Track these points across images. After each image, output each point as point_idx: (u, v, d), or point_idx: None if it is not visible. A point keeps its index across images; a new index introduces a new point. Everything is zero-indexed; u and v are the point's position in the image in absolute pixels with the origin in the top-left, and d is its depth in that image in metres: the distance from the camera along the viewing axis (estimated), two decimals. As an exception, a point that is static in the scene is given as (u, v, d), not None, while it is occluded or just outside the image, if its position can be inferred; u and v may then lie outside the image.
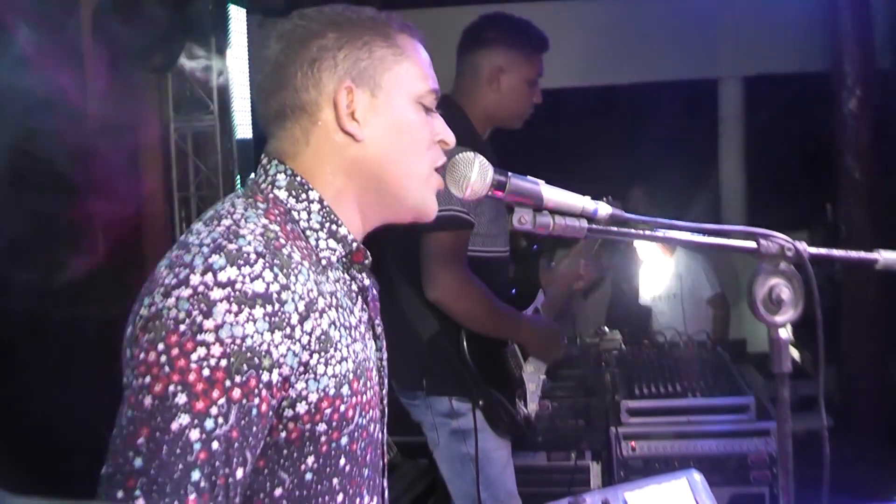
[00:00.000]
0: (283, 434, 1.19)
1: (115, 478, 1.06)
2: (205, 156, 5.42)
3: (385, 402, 1.45)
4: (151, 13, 4.11)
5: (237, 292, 1.11)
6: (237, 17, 5.20)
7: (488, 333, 2.73)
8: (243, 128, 5.32)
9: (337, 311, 1.26)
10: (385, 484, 1.46)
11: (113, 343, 1.28)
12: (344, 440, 1.25)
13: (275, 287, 1.14)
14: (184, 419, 1.07)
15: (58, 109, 3.61)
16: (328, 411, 1.21)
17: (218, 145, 5.33)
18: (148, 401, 1.08)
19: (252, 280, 1.13)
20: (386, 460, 1.46)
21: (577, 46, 6.58)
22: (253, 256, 1.15)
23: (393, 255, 2.81)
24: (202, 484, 1.07)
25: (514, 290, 2.98)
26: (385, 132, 1.33)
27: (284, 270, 1.17)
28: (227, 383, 1.09)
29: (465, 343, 2.67)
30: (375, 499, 1.38)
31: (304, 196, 1.30)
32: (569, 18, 6.63)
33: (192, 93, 5.30)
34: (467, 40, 2.90)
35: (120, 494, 1.05)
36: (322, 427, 1.21)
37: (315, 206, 1.30)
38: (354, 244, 1.34)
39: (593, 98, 6.97)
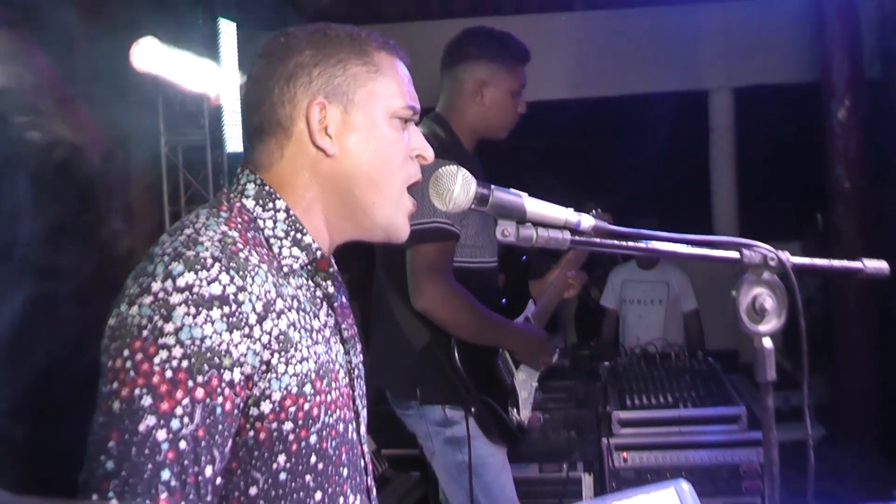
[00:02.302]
0: (252, 434, 1.22)
1: (89, 482, 1.09)
2: (195, 170, 5.42)
3: (359, 404, 1.46)
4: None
5: (195, 295, 1.14)
6: (227, 31, 5.21)
7: (476, 342, 2.74)
8: (234, 141, 5.30)
9: (298, 313, 1.28)
10: (370, 483, 1.47)
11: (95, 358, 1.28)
12: (313, 438, 1.27)
13: (231, 289, 1.17)
14: (150, 420, 1.10)
15: (49, 124, 3.61)
16: (292, 409, 1.24)
17: (209, 159, 5.33)
18: (116, 405, 1.11)
19: (209, 283, 1.16)
20: (368, 459, 1.47)
21: (568, 59, 6.62)
22: (210, 261, 1.18)
23: (384, 267, 2.82)
24: (172, 483, 1.10)
25: (503, 300, 2.98)
26: (358, 148, 1.35)
27: (241, 273, 1.19)
28: (190, 384, 1.12)
29: (455, 352, 2.68)
30: (360, 497, 1.40)
31: (270, 205, 1.34)
32: (558, 31, 6.66)
33: (182, 107, 5.30)
34: (449, 55, 2.91)
35: (94, 497, 1.08)
36: (289, 426, 1.24)
37: (281, 216, 1.34)
38: (318, 252, 1.37)
39: (584, 110, 6.99)
